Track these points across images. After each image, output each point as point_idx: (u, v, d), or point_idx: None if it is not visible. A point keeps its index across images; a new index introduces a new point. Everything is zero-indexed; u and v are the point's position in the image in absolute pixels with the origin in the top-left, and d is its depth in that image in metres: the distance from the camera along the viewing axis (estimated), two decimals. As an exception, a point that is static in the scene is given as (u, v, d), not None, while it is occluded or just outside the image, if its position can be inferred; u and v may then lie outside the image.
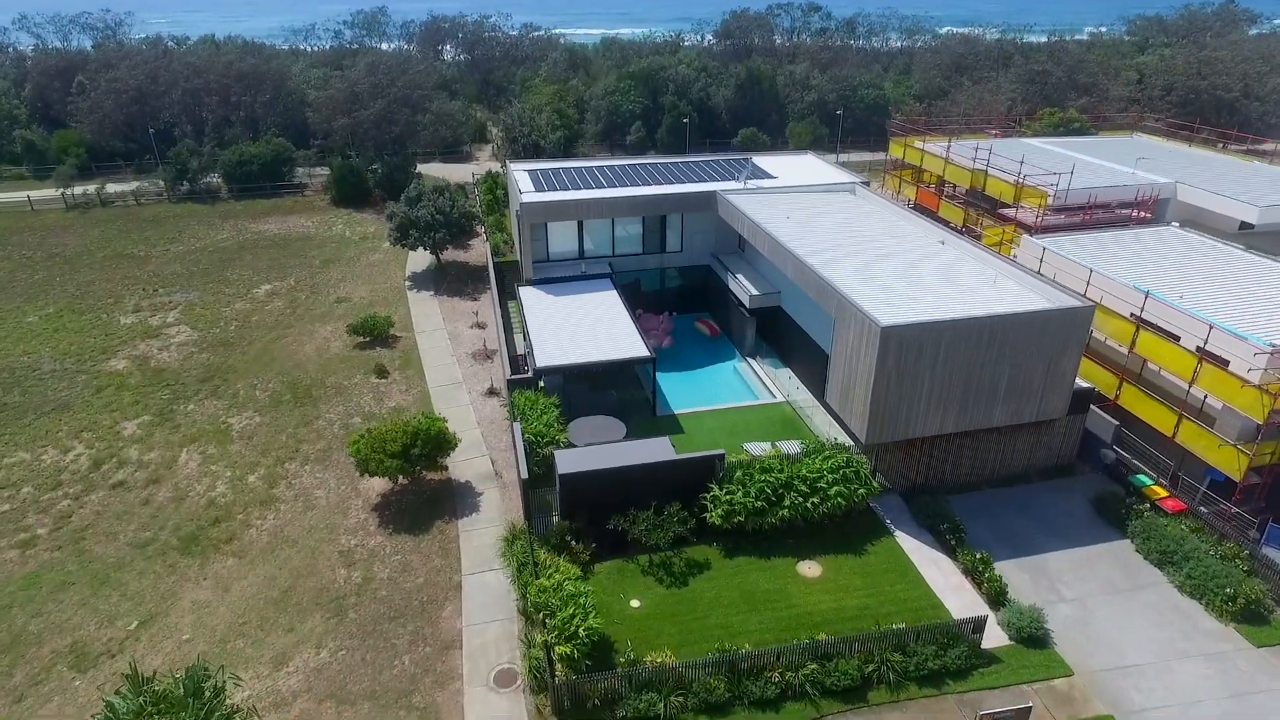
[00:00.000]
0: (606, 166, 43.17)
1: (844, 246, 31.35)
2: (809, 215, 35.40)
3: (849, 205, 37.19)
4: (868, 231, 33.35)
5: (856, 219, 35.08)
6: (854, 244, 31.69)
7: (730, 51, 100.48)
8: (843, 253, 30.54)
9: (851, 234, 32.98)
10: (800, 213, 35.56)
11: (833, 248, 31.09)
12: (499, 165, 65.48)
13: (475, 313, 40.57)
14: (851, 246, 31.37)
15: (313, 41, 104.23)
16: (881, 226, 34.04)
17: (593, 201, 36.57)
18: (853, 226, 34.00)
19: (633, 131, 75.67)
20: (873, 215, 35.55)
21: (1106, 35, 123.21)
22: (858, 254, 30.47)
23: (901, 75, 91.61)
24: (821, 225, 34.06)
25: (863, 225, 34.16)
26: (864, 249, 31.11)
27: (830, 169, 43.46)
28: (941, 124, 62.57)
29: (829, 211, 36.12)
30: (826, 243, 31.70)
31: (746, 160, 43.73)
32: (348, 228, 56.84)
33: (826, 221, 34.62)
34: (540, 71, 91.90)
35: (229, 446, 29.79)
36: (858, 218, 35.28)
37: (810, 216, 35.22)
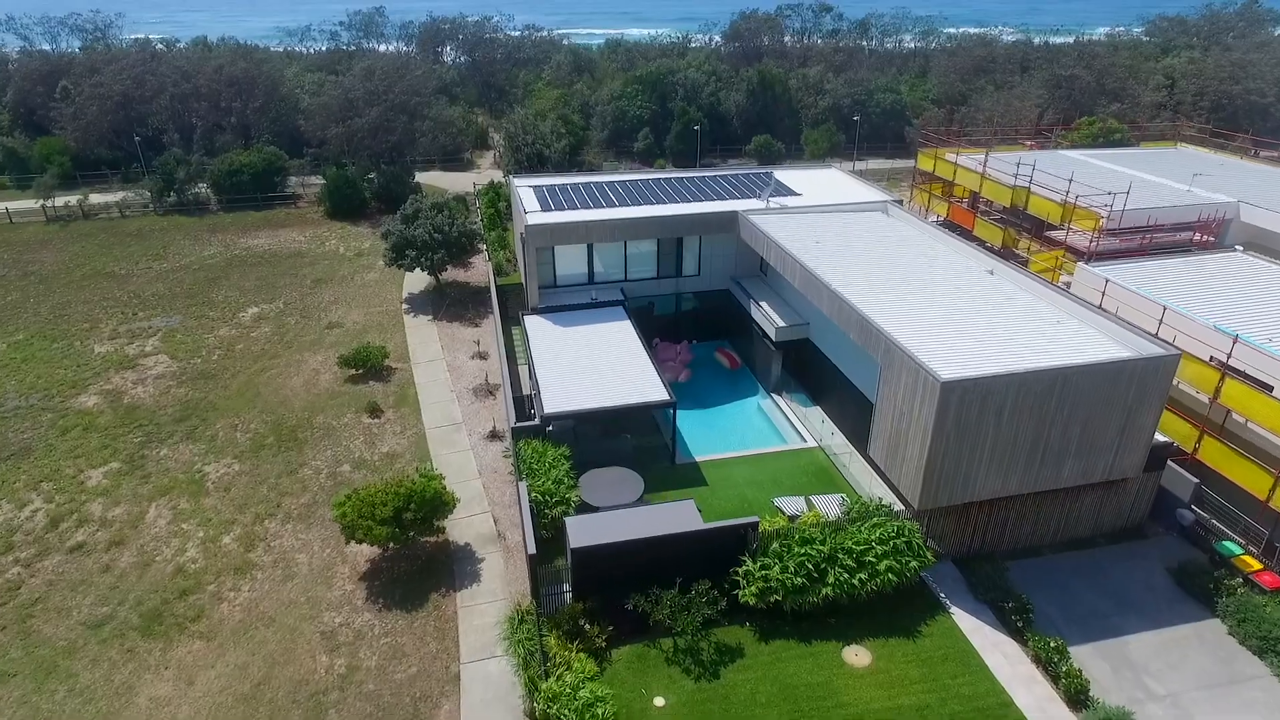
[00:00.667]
0: (617, 182, 40.32)
1: (882, 277, 28.48)
2: (840, 239, 32.52)
3: (882, 227, 34.31)
4: (907, 258, 30.47)
5: (892, 243, 32.20)
6: (893, 274, 28.81)
7: (739, 54, 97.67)
8: (882, 284, 27.67)
9: (889, 261, 30.10)
10: (830, 236, 32.69)
11: (870, 278, 28.22)
12: (501, 173, 62.72)
13: (477, 342, 37.72)
14: (891, 277, 28.50)
15: (308, 43, 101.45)
16: (921, 252, 31.15)
17: (604, 223, 33.72)
18: (889, 252, 31.12)
19: (640, 138, 72.83)
20: (909, 239, 32.66)
21: (1124, 37, 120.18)
22: (899, 286, 27.59)
23: (918, 78, 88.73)
24: (855, 251, 31.19)
25: (900, 251, 31.28)
26: (905, 280, 28.23)
27: (858, 185, 40.59)
28: (968, 133, 59.67)
29: (861, 234, 33.24)
30: (863, 272, 28.83)
31: (768, 176, 40.85)
32: (342, 243, 54.02)
33: (860, 246, 31.74)
34: (543, 74, 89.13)
35: (203, 500, 26.96)
36: (893, 242, 32.40)
37: (842, 241, 32.34)
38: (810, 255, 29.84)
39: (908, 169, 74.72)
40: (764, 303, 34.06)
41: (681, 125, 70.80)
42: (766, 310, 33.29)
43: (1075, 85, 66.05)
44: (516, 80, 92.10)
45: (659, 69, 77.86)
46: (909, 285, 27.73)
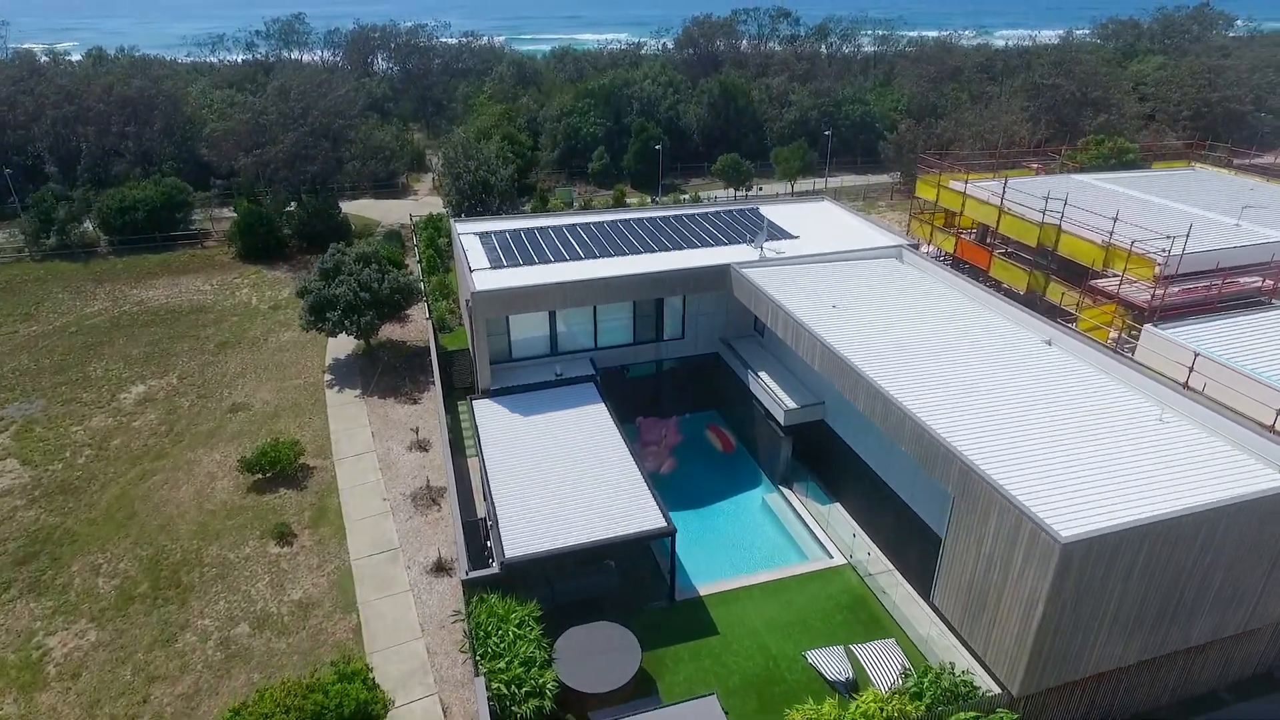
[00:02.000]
0: (580, 225, 34.20)
1: (920, 352, 23.06)
2: (857, 298, 27.04)
3: (902, 279, 28.98)
4: (942, 322, 25.15)
5: (919, 301, 26.86)
6: (935, 348, 23.40)
7: (694, 61, 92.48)
8: (925, 365, 22.24)
9: (923, 329, 24.70)
10: (846, 296, 27.18)
11: (905, 355, 22.78)
12: (441, 201, 55.95)
13: (415, 429, 31.09)
14: (933, 353, 23.08)
15: (221, 54, 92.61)
16: (956, 313, 25.88)
17: (570, 287, 27.57)
18: (919, 314, 25.74)
19: (595, 158, 66.81)
20: (937, 296, 27.37)
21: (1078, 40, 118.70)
22: (948, 368, 22.17)
23: (882, 86, 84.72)
24: (878, 314, 25.74)
25: (931, 311, 25.95)
26: (952, 357, 22.85)
27: (858, 222, 35.31)
28: (951, 150, 55.25)
29: (881, 290, 27.83)
30: (894, 346, 23.38)
31: (756, 214, 35.26)
32: (255, 292, 46.61)
33: (882, 307, 26.30)
34: (485, 88, 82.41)
35: (37, 698, 19.91)
36: (920, 299, 27.07)
37: (859, 300, 26.86)
38: (827, 325, 24.27)
39: (882, 185, 70.52)
40: (765, 374, 28.40)
41: (640, 143, 65.02)
42: (770, 386, 27.61)
43: (1057, 95, 62.44)
44: (455, 94, 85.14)
45: (612, 81, 71.98)
46: (956, 365, 22.33)
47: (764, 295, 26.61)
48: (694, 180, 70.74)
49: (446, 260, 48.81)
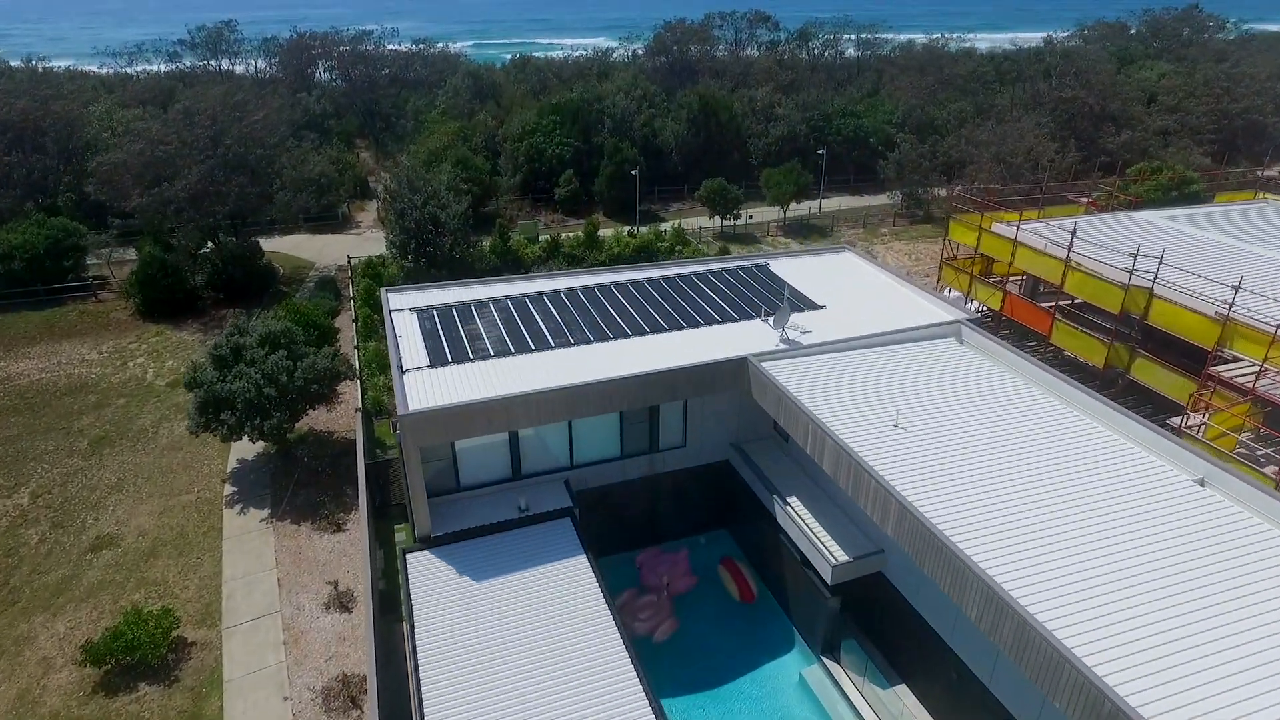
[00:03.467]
0: (547, 296, 27.16)
1: (1024, 498, 16.52)
2: (918, 405, 20.41)
3: (970, 373, 22.46)
4: (1042, 443, 18.64)
5: (1003, 409, 20.32)
6: (1039, 488, 16.87)
7: (668, 70, 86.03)
8: (1028, 519, 15.71)
9: (1018, 455, 18.15)
10: (901, 399, 20.55)
11: (1002, 505, 16.21)
12: (385, 239, 48.51)
13: (334, 582, 23.73)
14: (1038, 496, 16.56)
15: (141, 66, 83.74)
16: (1056, 425, 19.41)
17: (536, 401, 20.55)
18: (1009, 432, 19.18)
19: (562, 183, 59.79)
20: (1025, 399, 20.87)
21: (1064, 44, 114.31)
22: (1063, 525, 15.62)
23: (871, 97, 78.91)
24: (952, 432, 19.13)
25: (1024, 427, 19.41)
26: (1066, 504, 16.30)
27: (892, 281, 28.81)
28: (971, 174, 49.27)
29: (946, 391, 21.25)
30: (984, 489, 16.78)
31: (774, 281, 28.53)
32: (152, 362, 38.81)
33: (956, 421, 19.69)
34: (438, 102, 74.94)
35: None
36: (1003, 405, 20.54)
37: (921, 408, 20.22)
38: (885, 453, 17.65)
39: (881, 207, 64.58)
40: (799, 507, 21.69)
41: (614, 166, 58.16)
42: (808, 528, 20.86)
43: (1074, 109, 56.97)
44: (405, 107, 77.52)
45: (580, 95, 65.06)
46: (1075, 518, 15.79)
47: (797, 406, 19.84)
48: (674, 205, 64.09)
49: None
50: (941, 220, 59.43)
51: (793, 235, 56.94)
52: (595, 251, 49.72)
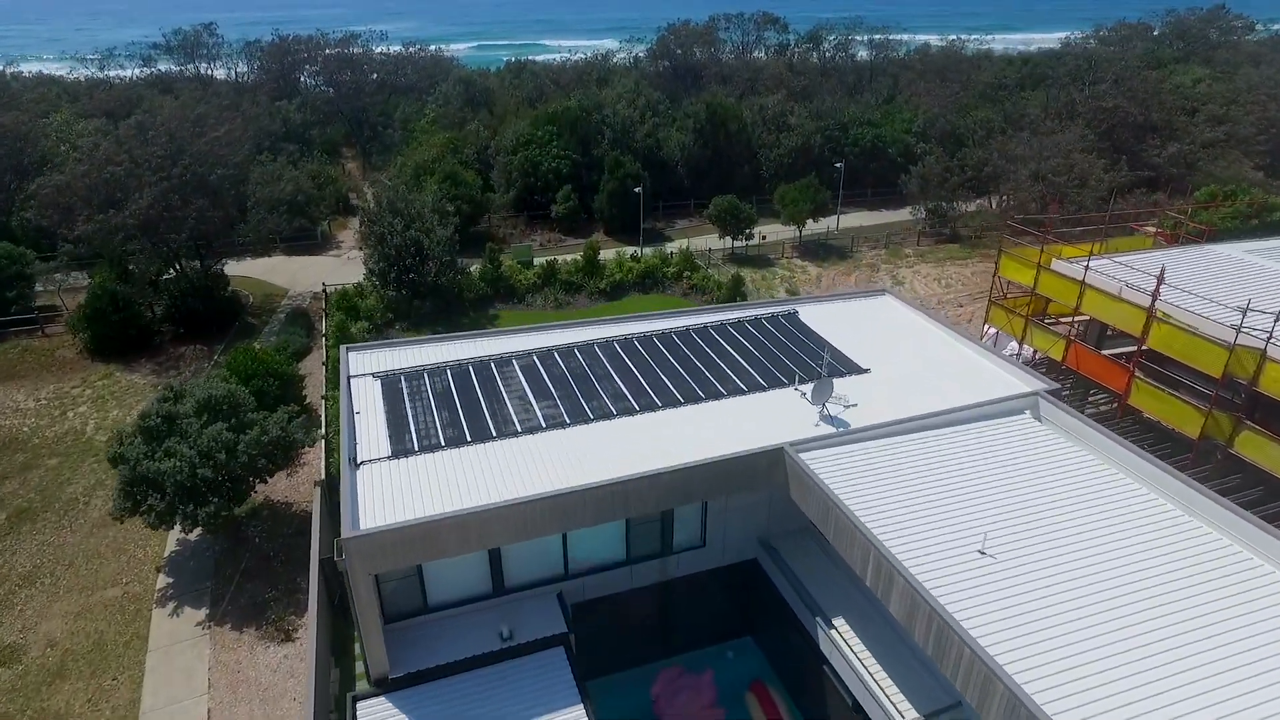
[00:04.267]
0: (539, 356, 22.97)
1: (1158, 654, 12.36)
2: (1009, 521, 16.22)
3: (1062, 465, 18.30)
4: (1168, 568, 14.55)
5: (1115, 525, 16.15)
6: (1174, 638, 12.72)
7: (671, 76, 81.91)
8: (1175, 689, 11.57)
9: (1149, 603, 13.99)
10: (987, 512, 16.37)
11: (1138, 669, 12.05)
12: (364, 265, 44.30)
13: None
14: (1177, 655, 12.41)
15: (114, 71, 79.56)
16: (1180, 548, 15.27)
17: (518, 513, 16.37)
18: (1130, 566, 15.01)
19: (559, 199, 55.64)
20: (1137, 506, 16.70)
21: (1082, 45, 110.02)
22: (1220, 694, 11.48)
23: (887, 104, 74.77)
24: (1058, 561, 14.97)
25: (1148, 556, 15.24)
26: (1217, 665, 12.14)
27: (943, 334, 24.66)
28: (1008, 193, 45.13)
29: (1039, 496, 17.08)
30: (1129, 665, 12.62)
31: (805, 334, 24.35)
32: (96, 410, 34.66)
33: (1060, 545, 15.52)
34: (427, 109, 70.81)
35: None
36: (1111, 517, 16.38)
37: (1016, 528, 16.04)
38: (979, 605, 13.51)
39: (902, 224, 60.41)
40: (845, 627, 17.59)
41: (615, 182, 53.99)
42: (862, 666, 16.70)
43: (1116, 120, 52.84)
44: (393, 116, 73.36)
45: (579, 104, 60.93)
46: (1233, 681, 11.64)
47: (853, 523, 15.66)
48: (680, 223, 59.94)
49: (363, 358, 37.23)
50: (970, 239, 55.40)
51: (810, 257, 52.77)
52: (595, 278, 45.56)
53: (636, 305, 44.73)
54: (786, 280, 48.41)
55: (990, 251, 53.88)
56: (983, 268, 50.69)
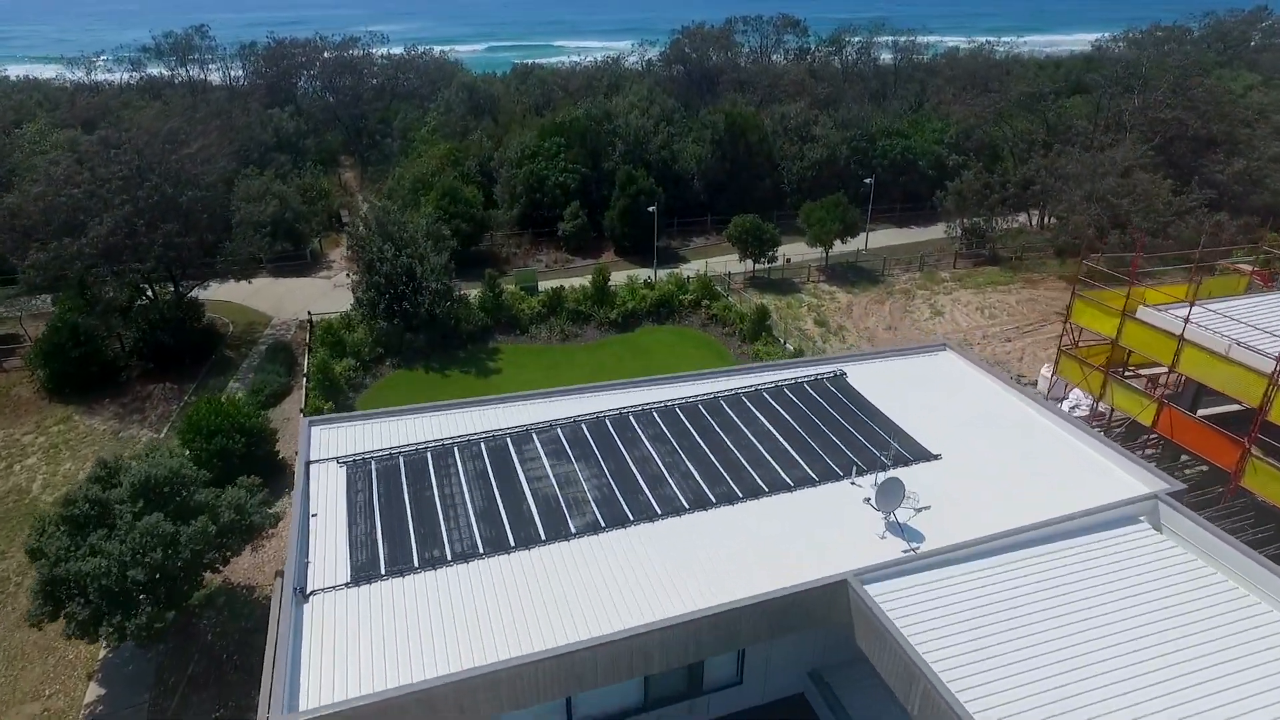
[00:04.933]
0: (540, 435, 19.20)
1: None
2: (1140, 685, 12.38)
3: (1188, 589, 14.47)
4: None
5: (1265, 682, 12.31)
6: None
7: (686, 81, 78.07)
8: None
9: None
10: (1113, 671, 12.52)
11: None
12: (351, 293, 40.54)
13: None
14: None
15: (100, 75, 76.27)
16: None
17: (508, 679, 12.61)
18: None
19: (567, 217, 51.90)
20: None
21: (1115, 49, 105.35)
22: None
23: (916, 113, 70.69)
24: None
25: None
26: None
27: (1021, 405, 20.78)
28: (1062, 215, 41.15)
29: (1179, 648, 13.23)
30: None
31: (852, 402, 20.49)
32: (46, 464, 31.09)
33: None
34: (428, 117, 67.23)
35: None
36: (1260, 671, 12.52)
37: (1145, 695, 12.19)
38: None
39: (934, 243, 56.36)
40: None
41: (627, 199, 50.22)
42: None
43: (1173, 133, 48.73)
44: (393, 123, 69.80)
45: (588, 113, 57.20)
46: None
47: (943, 698, 11.85)
48: (695, 241, 56.12)
49: (345, 404, 33.69)
50: (1011, 261, 51.39)
51: (837, 281, 48.85)
52: (605, 307, 41.80)
53: (650, 338, 40.97)
54: (814, 309, 44.51)
55: (1034, 275, 49.97)
56: (1028, 295, 46.70)
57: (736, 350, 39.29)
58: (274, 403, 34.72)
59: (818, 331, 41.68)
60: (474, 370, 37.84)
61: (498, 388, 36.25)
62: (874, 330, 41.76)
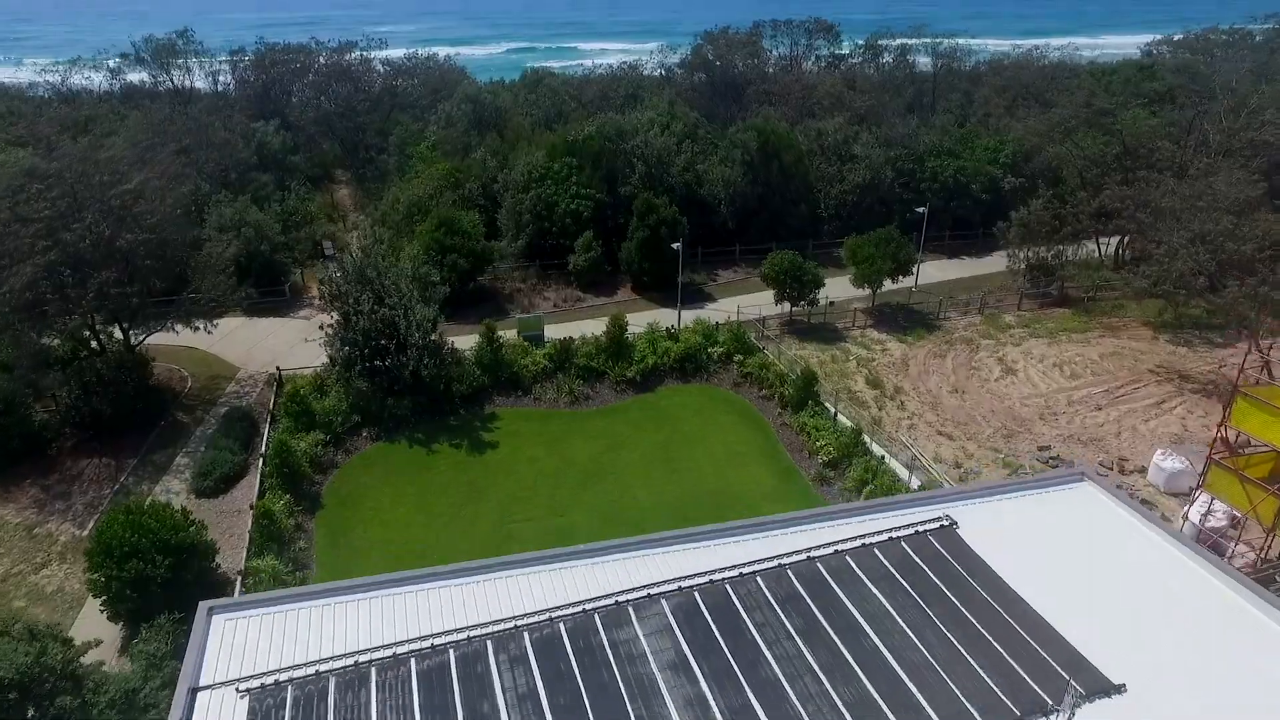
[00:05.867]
0: (529, 633, 13.49)
1: None
2: None
3: None
4: None
5: None
6: None
7: (709, 91, 72.18)
8: None
9: None
10: None
11: None
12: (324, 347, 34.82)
13: None
14: None
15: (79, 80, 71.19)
16: None
17: None
18: None
19: (579, 249, 46.21)
20: None
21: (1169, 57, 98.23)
22: None
23: (962, 128, 64.52)
24: None
25: None
26: None
27: (1200, 567, 14.86)
28: (1152, 253, 35.21)
29: None
30: None
31: (950, 533, 14.63)
32: (-61, 572, 25.63)
33: None
34: (428, 131, 61.75)
35: None
36: None
37: None
38: None
39: (992, 277, 50.26)
40: None
41: (647, 231, 44.50)
42: None
43: (1270, 155, 42.56)
44: (390, 136, 64.37)
45: (602, 131, 51.48)
46: None
47: None
48: (721, 274, 50.30)
49: (310, 492, 28.18)
50: (1083, 302, 45.24)
51: (887, 326, 42.88)
52: (622, 363, 36.11)
53: (674, 401, 35.21)
54: (864, 363, 38.60)
55: (1114, 320, 43.71)
56: (1110, 346, 40.55)
57: (777, 420, 33.47)
58: (224, 488, 29.26)
59: (871, 395, 35.74)
60: (466, 443, 32.19)
61: (493, 469, 30.62)
62: (937, 394, 35.78)
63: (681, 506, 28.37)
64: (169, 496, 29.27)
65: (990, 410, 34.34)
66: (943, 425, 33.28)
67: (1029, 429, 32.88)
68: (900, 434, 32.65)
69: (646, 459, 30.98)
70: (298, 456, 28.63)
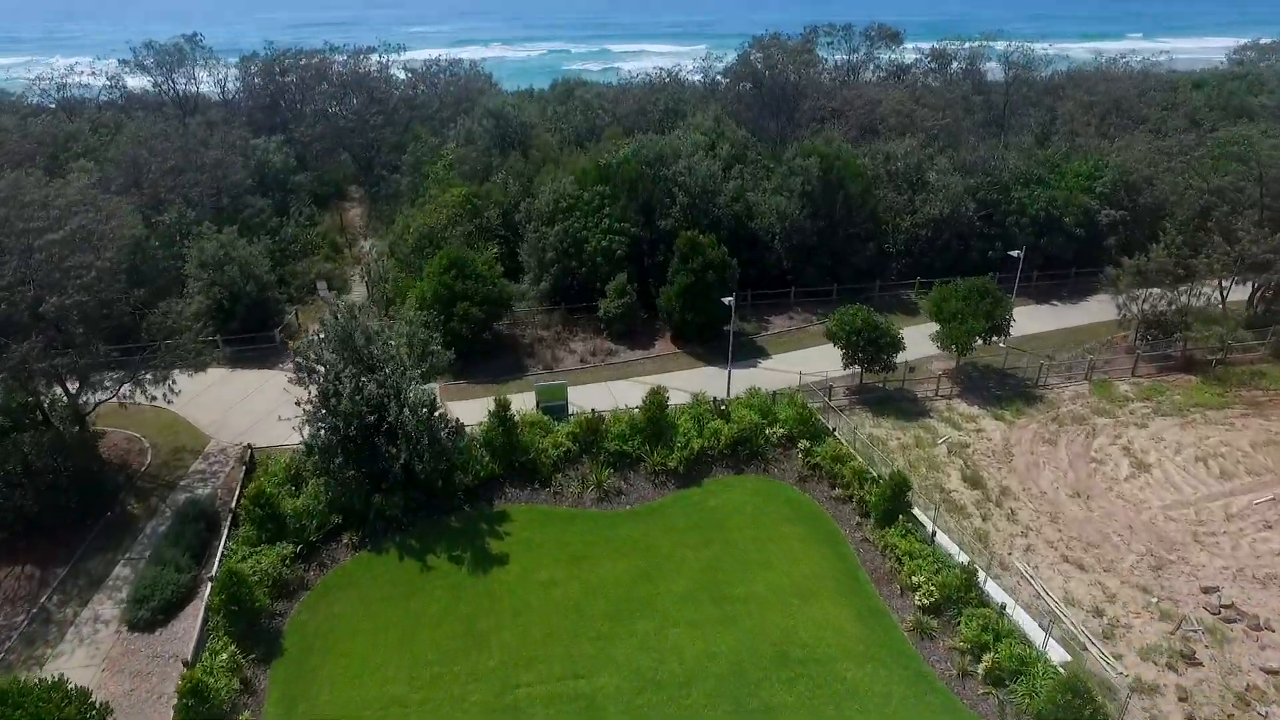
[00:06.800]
0: None
1: None
2: None
3: None
4: None
5: None
6: None
7: (758, 104, 65.50)
8: None
9: None
10: None
11: None
12: (298, 426, 29.05)
13: None
14: None
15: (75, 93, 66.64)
16: None
17: None
18: None
19: (611, 294, 40.03)
20: None
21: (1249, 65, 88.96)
22: None
23: (1043, 149, 57.20)
24: None
25: None
26: None
27: None
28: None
29: None
30: None
31: None
32: None
33: None
34: (446, 149, 56.04)
35: None
36: None
37: None
38: None
39: (1092, 330, 42.77)
40: None
41: (689, 275, 38.18)
42: None
43: None
44: (405, 152, 58.81)
45: (640, 152, 45.19)
46: None
47: None
48: (774, 320, 43.74)
49: (269, 630, 22.33)
50: (1212, 369, 37.87)
51: (978, 397, 36.06)
52: (662, 447, 29.81)
53: (724, 500, 28.73)
54: (958, 452, 31.84)
55: (1259, 392, 36.14)
56: (1260, 427, 33.28)
57: (855, 532, 26.94)
58: (163, 619, 23.55)
59: (971, 497, 29.00)
60: (468, 557, 26.08)
61: (498, 598, 24.37)
62: (1055, 499, 28.92)
63: (739, 665, 22.04)
64: (95, 628, 23.65)
65: (1126, 525, 27.43)
66: (1069, 547, 26.45)
67: (1183, 556, 25.94)
68: (1015, 558, 25.94)
69: (692, 590, 24.62)
70: (252, 586, 22.77)
